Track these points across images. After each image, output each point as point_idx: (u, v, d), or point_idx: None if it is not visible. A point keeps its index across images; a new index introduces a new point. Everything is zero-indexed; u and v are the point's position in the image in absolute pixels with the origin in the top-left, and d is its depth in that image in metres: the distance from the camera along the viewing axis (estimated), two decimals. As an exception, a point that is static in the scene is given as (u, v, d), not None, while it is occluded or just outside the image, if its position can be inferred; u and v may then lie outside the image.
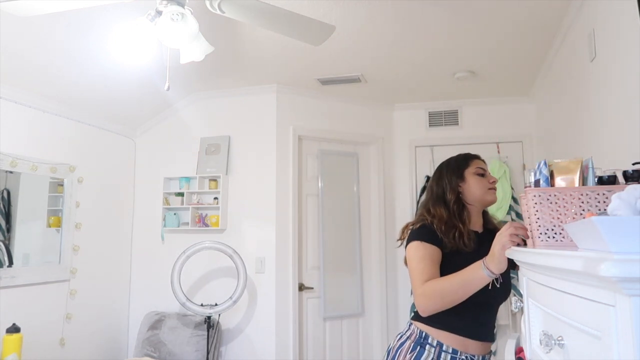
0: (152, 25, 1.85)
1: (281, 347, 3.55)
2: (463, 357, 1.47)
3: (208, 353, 3.36)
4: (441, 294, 1.44)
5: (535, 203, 1.20)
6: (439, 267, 1.53)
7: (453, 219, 1.60)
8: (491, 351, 1.61)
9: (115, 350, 3.78)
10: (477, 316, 1.52)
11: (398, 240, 1.70)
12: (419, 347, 1.51)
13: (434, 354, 1.48)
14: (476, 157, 1.77)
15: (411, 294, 1.57)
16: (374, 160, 4.14)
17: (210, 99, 3.94)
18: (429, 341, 1.50)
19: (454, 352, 1.47)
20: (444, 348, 1.48)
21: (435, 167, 1.81)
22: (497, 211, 3.74)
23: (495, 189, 1.68)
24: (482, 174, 1.69)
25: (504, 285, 1.54)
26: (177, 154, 3.95)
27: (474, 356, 1.48)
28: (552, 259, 0.91)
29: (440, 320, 1.50)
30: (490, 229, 1.72)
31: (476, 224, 1.69)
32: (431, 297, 1.45)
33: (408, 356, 1.50)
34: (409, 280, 1.58)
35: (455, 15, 2.59)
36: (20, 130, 3.04)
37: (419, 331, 1.54)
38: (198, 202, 3.80)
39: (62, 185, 3.36)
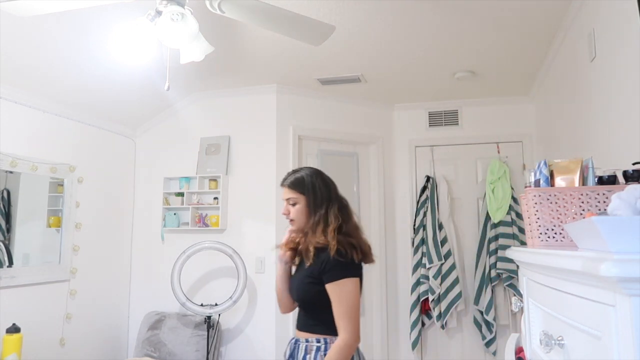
0: (152, 25, 1.85)
1: (281, 347, 3.54)
2: (292, 339, 1.86)
3: (208, 353, 3.36)
4: None
5: (535, 203, 1.20)
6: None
7: None
8: (308, 339, 1.77)
9: (115, 350, 3.78)
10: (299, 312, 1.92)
11: None
12: None
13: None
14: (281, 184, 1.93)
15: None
16: (374, 160, 4.14)
17: (210, 99, 3.94)
18: None
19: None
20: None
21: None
22: (497, 211, 3.73)
23: (290, 220, 1.89)
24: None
25: (293, 289, 1.88)
26: (177, 154, 3.95)
27: (293, 338, 1.85)
28: (552, 259, 0.91)
29: None
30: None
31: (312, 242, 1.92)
32: None
33: None
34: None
35: (455, 15, 2.59)
36: (20, 130, 3.04)
37: None
38: (198, 202, 3.79)
39: (62, 185, 3.36)
